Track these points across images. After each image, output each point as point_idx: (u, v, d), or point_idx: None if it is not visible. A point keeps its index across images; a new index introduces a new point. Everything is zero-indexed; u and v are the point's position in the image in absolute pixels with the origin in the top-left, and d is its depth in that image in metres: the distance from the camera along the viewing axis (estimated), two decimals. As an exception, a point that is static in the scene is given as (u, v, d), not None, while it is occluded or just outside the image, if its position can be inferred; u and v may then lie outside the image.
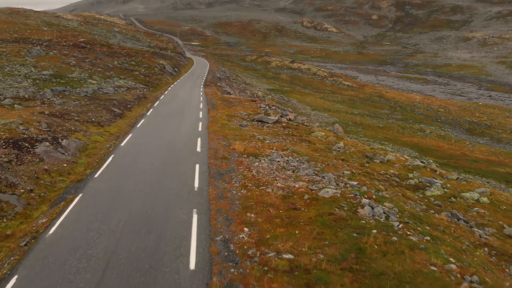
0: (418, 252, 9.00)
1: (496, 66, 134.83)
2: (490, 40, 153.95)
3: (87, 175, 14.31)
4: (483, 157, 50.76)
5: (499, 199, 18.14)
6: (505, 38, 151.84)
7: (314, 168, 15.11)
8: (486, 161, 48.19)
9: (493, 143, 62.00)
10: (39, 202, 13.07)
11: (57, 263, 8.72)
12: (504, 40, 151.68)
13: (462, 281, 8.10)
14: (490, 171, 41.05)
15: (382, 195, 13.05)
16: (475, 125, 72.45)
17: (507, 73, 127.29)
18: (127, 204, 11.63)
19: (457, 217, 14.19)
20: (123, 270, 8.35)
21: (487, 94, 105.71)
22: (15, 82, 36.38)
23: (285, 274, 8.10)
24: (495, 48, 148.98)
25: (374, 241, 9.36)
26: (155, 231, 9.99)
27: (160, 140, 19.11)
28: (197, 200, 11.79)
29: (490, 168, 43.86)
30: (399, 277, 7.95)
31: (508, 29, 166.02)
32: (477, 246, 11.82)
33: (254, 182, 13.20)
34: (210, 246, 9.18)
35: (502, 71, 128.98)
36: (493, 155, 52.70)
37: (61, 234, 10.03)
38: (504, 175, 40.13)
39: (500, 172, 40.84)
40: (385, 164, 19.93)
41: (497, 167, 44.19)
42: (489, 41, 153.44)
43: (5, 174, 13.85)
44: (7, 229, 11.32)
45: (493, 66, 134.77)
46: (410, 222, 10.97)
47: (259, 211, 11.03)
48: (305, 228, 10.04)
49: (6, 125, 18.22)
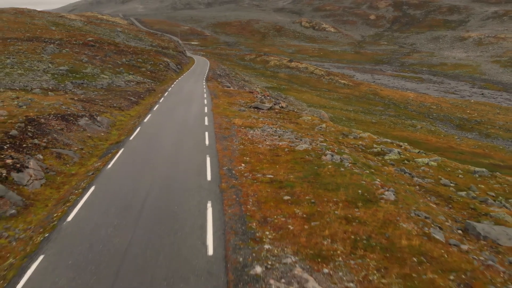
0: (356, 175, 13.94)
1: (491, 65, 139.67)
2: (485, 40, 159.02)
3: (123, 139, 19.31)
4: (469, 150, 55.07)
5: (447, 165, 23.00)
6: (500, 37, 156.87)
7: (295, 135, 20.08)
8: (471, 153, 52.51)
9: (481, 138, 66.14)
10: (89, 156, 18.01)
11: (118, 181, 13.67)
12: (499, 39, 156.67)
13: (380, 188, 13.00)
14: (475, 162, 45.30)
15: (343, 151, 17.98)
16: (465, 121, 76.66)
17: (501, 72, 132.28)
18: (159, 153, 16.72)
19: (404, 171, 19.07)
20: (164, 182, 13.34)
21: (479, 92, 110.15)
22: (37, 76, 41.32)
23: (266, 183, 13.04)
24: (490, 47, 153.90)
25: (327, 170, 14.29)
26: (181, 165, 15.03)
27: (174, 118, 24.18)
28: (208, 151, 16.83)
29: (474, 159, 47.93)
30: (338, 185, 12.89)
31: (503, 29, 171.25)
32: (409, 185, 16.70)
33: (249, 141, 18.19)
34: (219, 170, 14.25)
35: (496, 70, 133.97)
36: (479, 148, 56.89)
37: (116, 168, 14.98)
38: (487, 166, 44.33)
39: (484, 163, 44.71)
40: (357, 139, 24.87)
41: (482, 158, 48.57)
42: (484, 41, 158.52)
43: (61, 137, 18.79)
44: (71, 170, 16.24)
45: (487, 65, 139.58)
46: (358, 164, 15.90)
47: (252, 156, 15.98)
48: (283, 164, 14.99)
49: (51, 105, 23.14)
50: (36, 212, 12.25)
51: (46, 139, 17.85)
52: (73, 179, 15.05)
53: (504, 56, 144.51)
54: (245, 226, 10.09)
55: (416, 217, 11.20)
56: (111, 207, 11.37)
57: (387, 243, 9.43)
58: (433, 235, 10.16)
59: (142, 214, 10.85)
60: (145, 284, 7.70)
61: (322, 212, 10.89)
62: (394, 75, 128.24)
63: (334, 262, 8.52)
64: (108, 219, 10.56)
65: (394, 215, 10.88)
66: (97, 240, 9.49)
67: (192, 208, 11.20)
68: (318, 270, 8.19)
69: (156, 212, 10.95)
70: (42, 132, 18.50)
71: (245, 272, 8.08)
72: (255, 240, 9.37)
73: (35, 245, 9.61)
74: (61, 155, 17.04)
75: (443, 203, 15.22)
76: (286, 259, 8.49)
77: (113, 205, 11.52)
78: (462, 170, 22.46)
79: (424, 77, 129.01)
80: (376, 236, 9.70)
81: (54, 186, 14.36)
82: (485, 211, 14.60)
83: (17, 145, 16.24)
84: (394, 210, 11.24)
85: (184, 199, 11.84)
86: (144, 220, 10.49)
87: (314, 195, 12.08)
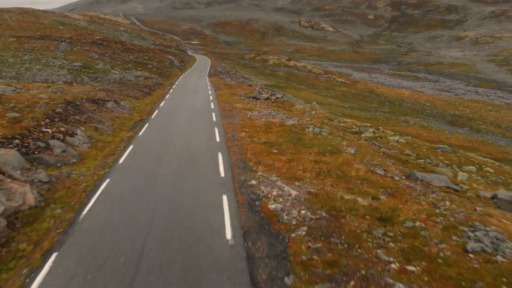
0: (329, 139, 18.67)
1: (486, 64, 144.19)
2: (482, 39, 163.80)
3: (145, 118, 24.09)
4: (458, 143, 59.61)
5: (415, 142, 27.72)
6: (496, 37, 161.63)
7: (286, 115, 24.84)
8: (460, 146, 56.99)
9: (472, 133, 70.43)
10: (119, 130, 22.74)
11: (149, 143, 18.42)
12: (496, 39, 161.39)
13: (345, 147, 17.69)
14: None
15: (324, 127, 22.70)
16: (457, 118, 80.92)
17: (496, 70, 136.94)
18: (177, 126, 21.60)
19: (374, 144, 23.75)
20: (184, 144, 18.10)
21: (474, 90, 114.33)
22: (54, 71, 46.07)
23: (261, 144, 17.78)
24: (487, 47, 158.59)
25: (308, 137, 19.03)
26: (196, 134, 19.84)
27: (185, 104, 29.04)
28: (216, 125, 21.66)
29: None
30: (314, 144, 17.60)
31: (500, 28, 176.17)
32: (374, 151, 21.38)
33: (248, 119, 22.95)
34: (225, 136, 19.03)
35: (491, 68, 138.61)
36: (468, 142, 61.39)
37: (146, 135, 19.79)
38: (473, 158, 49.00)
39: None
40: (340, 123, 29.58)
41: (469, 151, 53.27)
42: (481, 40, 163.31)
43: (95, 116, 23.53)
44: (108, 139, 20.96)
45: (483, 64, 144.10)
46: (334, 134, 20.61)
47: (250, 128, 20.74)
48: (274, 133, 19.74)
49: (80, 92, 27.87)
50: (90, 162, 16.97)
51: (84, 117, 22.58)
52: (111, 144, 19.77)
53: (500, 55, 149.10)
54: (245, 164, 14.83)
55: (368, 163, 15.89)
56: (148, 156, 16.11)
57: (341, 173, 14.12)
58: (376, 171, 14.86)
59: (172, 159, 15.61)
60: (179, 192, 12.38)
61: (299, 158, 15.61)
62: (391, 74, 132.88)
63: (303, 180, 13.23)
64: (148, 163, 15.29)
65: (350, 160, 15.60)
66: (143, 173, 14.24)
67: (207, 157, 15.96)
68: (292, 183, 12.91)
69: (182, 159, 15.72)
70: (80, 111, 23.22)
71: (245, 183, 12.84)
72: (252, 170, 14.11)
73: (100, 176, 14.31)
74: (98, 128, 21.76)
75: (399, 163, 19.93)
76: (271, 178, 13.23)
77: (149, 155, 16.26)
78: (427, 146, 27.21)
79: (420, 76, 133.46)
80: (334, 170, 14.41)
81: (97, 148, 19.10)
82: (432, 169, 19.33)
83: (64, 119, 20.97)
84: (351, 158, 15.96)
85: (201, 153, 16.60)
86: (174, 162, 15.25)
87: (295, 149, 16.81)
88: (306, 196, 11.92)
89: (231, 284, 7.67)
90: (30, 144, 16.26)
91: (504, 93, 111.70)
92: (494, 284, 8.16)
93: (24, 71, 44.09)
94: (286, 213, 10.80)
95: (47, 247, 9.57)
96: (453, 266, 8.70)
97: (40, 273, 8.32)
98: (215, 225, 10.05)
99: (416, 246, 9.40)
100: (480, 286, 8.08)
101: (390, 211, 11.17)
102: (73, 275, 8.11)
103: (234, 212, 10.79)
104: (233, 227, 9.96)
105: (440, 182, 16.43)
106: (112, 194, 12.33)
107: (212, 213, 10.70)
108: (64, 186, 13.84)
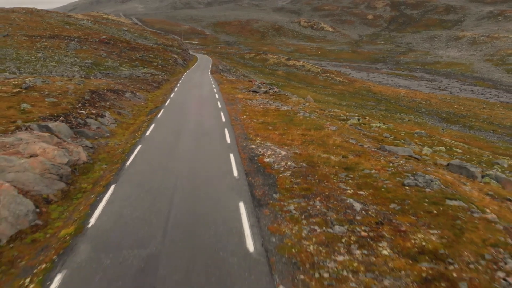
0: (315, 120, 22.84)
1: (483, 63, 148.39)
2: (479, 39, 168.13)
3: (160, 105, 28.29)
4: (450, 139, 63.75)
5: (396, 128, 31.89)
6: (493, 37, 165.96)
7: (281, 104, 29.03)
8: (451, 141, 61.07)
9: (465, 130, 74.35)
10: (138, 115, 26.93)
11: (167, 123, 22.63)
12: (493, 39, 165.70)
13: (328, 125, 21.84)
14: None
15: (314, 113, 26.86)
16: (451, 115, 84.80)
17: (492, 70, 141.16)
18: (189, 111, 25.93)
19: (357, 128, 27.87)
20: (196, 123, 22.29)
21: (469, 89, 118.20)
22: (67, 68, 50.30)
23: (259, 123, 22.00)
24: (484, 46, 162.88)
25: (298, 119, 23.22)
26: (205, 117, 24.13)
27: (193, 95, 33.38)
28: (221, 110, 25.96)
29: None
30: (302, 123, 21.78)
31: (498, 28, 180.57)
32: (355, 133, 25.50)
33: (248, 106, 27.19)
34: (230, 118, 23.26)
35: (488, 68, 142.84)
36: (460, 138, 65.42)
37: (163, 117, 24.06)
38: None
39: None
40: (330, 112, 33.75)
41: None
42: (478, 40, 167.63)
43: (116, 103, 27.73)
44: (130, 121, 25.14)
45: (480, 64, 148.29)
46: (321, 117, 24.78)
47: (250, 112, 24.95)
48: (270, 116, 23.96)
49: (101, 84, 32.04)
50: (120, 137, 21.14)
51: (108, 103, 26.79)
52: (133, 126, 23.97)
53: (497, 55, 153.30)
54: (246, 136, 19.04)
55: (345, 136, 20.07)
56: (169, 131, 20.32)
57: (321, 142, 18.30)
58: (350, 141, 19.03)
59: (189, 133, 19.87)
60: (197, 150, 16.54)
61: (289, 132, 19.81)
62: (388, 73, 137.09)
63: (291, 146, 17.42)
64: (170, 135, 19.52)
65: (330, 134, 19.78)
66: (168, 141, 18.47)
67: (216, 132, 20.18)
68: (282, 147, 17.11)
69: (197, 132, 19.98)
70: (104, 99, 27.42)
71: (246, 147, 17.07)
72: (251, 140, 18.32)
73: (132, 144, 18.47)
74: (120, 113, 25.96)
75: (375, 142, 24.09)
76: (267, 144, 17.44)
77: (169, 131, 20.47)
78: (406, 132, 31.39)
79: (418, 75, 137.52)
80: (316, 140, 18.59)
81: (123, 128, 23.29)
82: (402, 146, 23.45)
83: (92, 105, 25.16)
84: (332, 132, 20.16)
85: (211, 129, 20.83)
86: (191, 135, 19.50)
87: (287, 127, 21.02)
88: (292, 155, 16.10)
89: (239, 197, 11.84)
90: (72, 121, 20.44)
91: (499, 92, 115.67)
92: (418, 202, 12.28)
93: (40, 68, 48.32)
94: (277, 164, 14.98)
95: (105, 183, 13.69)
96: (391, 192, 12.85)
97: (106, 194, 12.44)
98: (225, 169, 14.28)
99: (367, 182, 13.56)
100: (408, 203, 12.20)
101: (354, 164, 15.34)
102: (130, 195, 12.23)
103: (239, 162, 15.01)
104: (238, 170, 14.16)
105: (404, 152, 20.52)
106: (146, 151, 16.56)
107: (223, 163, 14.95)
108: (104, 151, 18.03)
